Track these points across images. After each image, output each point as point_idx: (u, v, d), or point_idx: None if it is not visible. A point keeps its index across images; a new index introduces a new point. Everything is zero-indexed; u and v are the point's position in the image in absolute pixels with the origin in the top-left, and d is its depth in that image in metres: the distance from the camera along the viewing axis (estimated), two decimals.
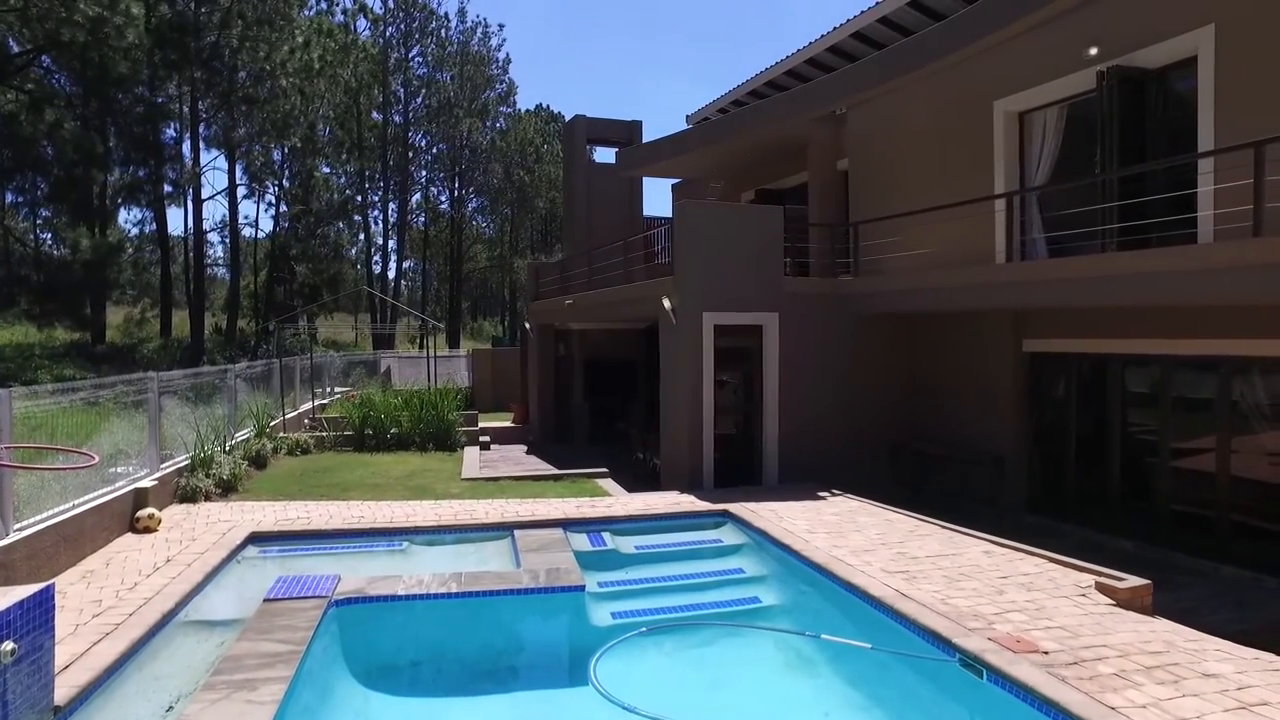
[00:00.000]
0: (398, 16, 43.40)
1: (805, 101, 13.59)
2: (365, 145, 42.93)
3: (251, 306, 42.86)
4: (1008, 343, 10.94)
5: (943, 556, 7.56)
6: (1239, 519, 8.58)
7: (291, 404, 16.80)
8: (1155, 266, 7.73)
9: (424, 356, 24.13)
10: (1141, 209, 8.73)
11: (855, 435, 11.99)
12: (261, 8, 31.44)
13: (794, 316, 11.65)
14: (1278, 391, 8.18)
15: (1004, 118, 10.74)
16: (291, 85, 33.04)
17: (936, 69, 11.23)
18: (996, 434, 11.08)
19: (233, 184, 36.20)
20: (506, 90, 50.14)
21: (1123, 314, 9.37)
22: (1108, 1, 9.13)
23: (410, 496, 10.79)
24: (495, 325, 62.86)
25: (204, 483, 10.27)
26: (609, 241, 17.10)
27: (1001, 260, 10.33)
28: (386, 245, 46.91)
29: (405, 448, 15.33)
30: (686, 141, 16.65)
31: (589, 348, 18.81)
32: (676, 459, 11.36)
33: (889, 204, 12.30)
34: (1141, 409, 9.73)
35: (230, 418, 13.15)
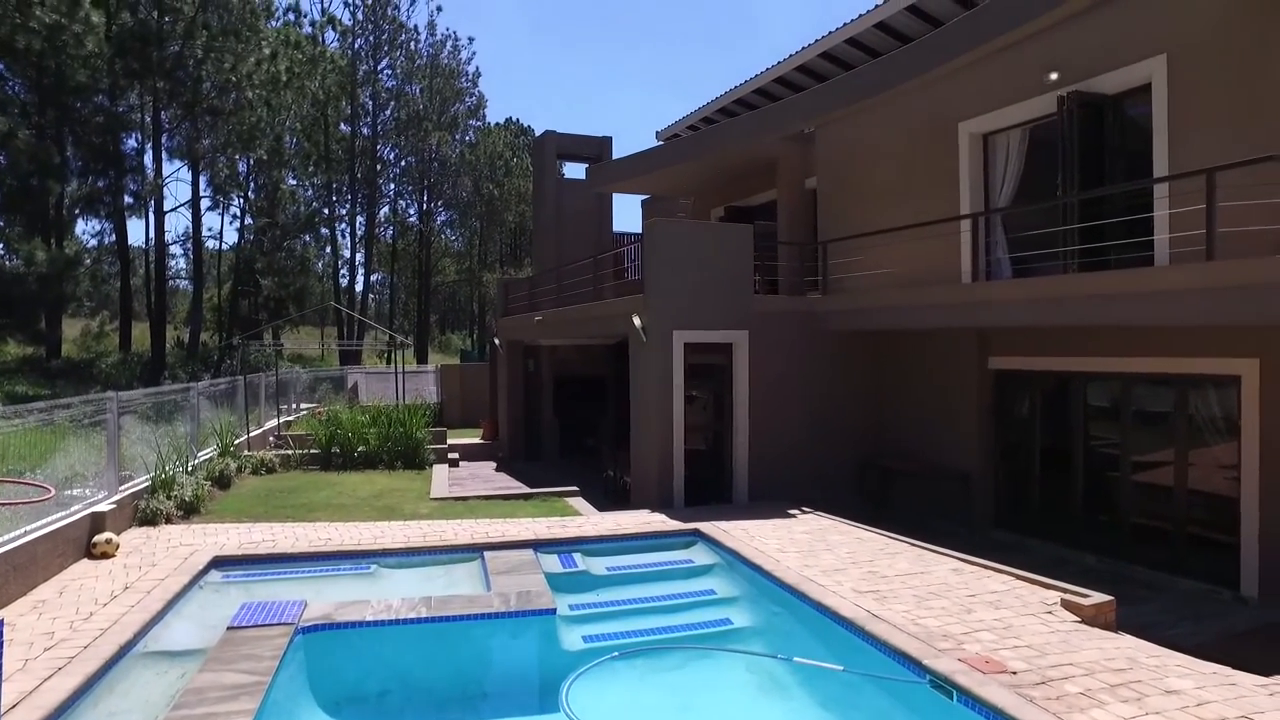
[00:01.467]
0: (367, 29, 43.14)
1: (774, 120, 13.74)
2: (333, 158, 42.49)
3: (215, 320, 42.11)
4: (974, 360, 11.11)
5: (912, 575, 7.63)
6: (1195, 531, 8.79)
7: (256, 421, 16.50)
8: (1113, 288, 7.92)
9: (392, 372, 23.88)
10: (1101, 231, 8.95)
11: (825, 452, 12.07)
12: (227, 18, 31.07)
13: (764, 334, 11.72)
14: (1230, 407, 8.40)
15: (969, 139, 10.95)
16: (258, 97, 32.64)
17: (903, 91, 11.43)
18: (963, 450, 11.23)
19: (196, 196, 35.63)
20: (476, 104, 50.05)
21: (1084, 332, 9.57)
22: (1067, 29, 9.37)
23: (378, 517, 10.64)
24: (463, 339, 62.43)
25: (165, 505, 10.02)
26: (579, 258, 17.10)
27: (967, 280, 10.50)
28: (354, 259, 46.42)
29: (373, 466, 15.13)
30: (656, 158, 16.74)
31: (558, 364, 18.76)
32: (647, 477, 11.35)
33: (857, 222, 12.46)
34: (1103, 425, 9.94)
35: (193, 437, 12.87)
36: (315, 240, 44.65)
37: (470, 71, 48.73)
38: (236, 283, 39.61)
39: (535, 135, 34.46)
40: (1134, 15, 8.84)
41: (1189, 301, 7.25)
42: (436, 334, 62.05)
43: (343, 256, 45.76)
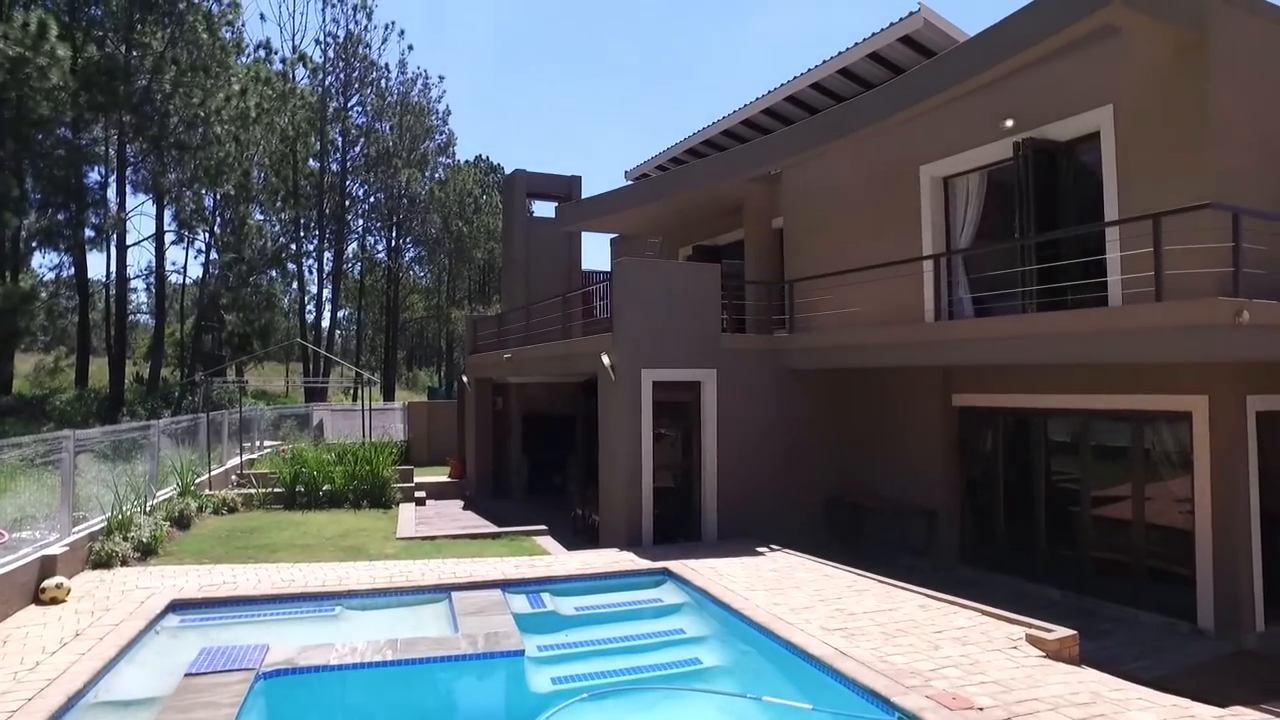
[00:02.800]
0: (337, 66, 43.30)
1: (741, 162, 14.01)
2: (301, 193, 42.32)
3: (177, 355, 41.32)
4: (938, 397, 11.32)
5: (880, 612, 7.67)
6: (1154, 565, 8.98)
7: (218, 460, 16.19)
8: (1069, 328, 8.15)
9: (358, 409, 23.60)
10: (1058, 272, 9.24)
11: (792, 489, 12.15)
12: (197, 54, 30.99)
13: (732, 373, 11.84)
14: (1184, 442, 8.65)
15: (930, 182, 11.28)
16: (226, 132, 32.47)
17: (866, 135, 11.74)
18: (929, 486, 11.37)
19: (160, 230, 35.16)
20: (446, 141, 50.28)
21: (1044, 370, 9.82)
22: (1020, 78, 9.76)
23: (344, 558, 10.45)
24: (431, 376, 61.91)
25: (121, 547, 9.75)
26: (548, 296, 17.16)
27: (931, 319, 10.73)
28: (321, 294, 45.98)
29: (338, 505, 14.88)
30: (625, 198, 16.94)
31: (527, 402, 18.71)
32: (615, 516, 11.31)
33: (823, 262, 12.71)
34: (1064, 460, 10.15)
35: (152, 476, 12.58)
36: (282, 276, 44.26)
37: (440, 109, 49.05)
38: (200, 318, 39.00)
39: (505, 173, 34.61)
40: (1082, 67, 9.25)
41: (1140, 340, 7.50)
42: (404, 371, 61.50)
43: (310, 292, 45.36)
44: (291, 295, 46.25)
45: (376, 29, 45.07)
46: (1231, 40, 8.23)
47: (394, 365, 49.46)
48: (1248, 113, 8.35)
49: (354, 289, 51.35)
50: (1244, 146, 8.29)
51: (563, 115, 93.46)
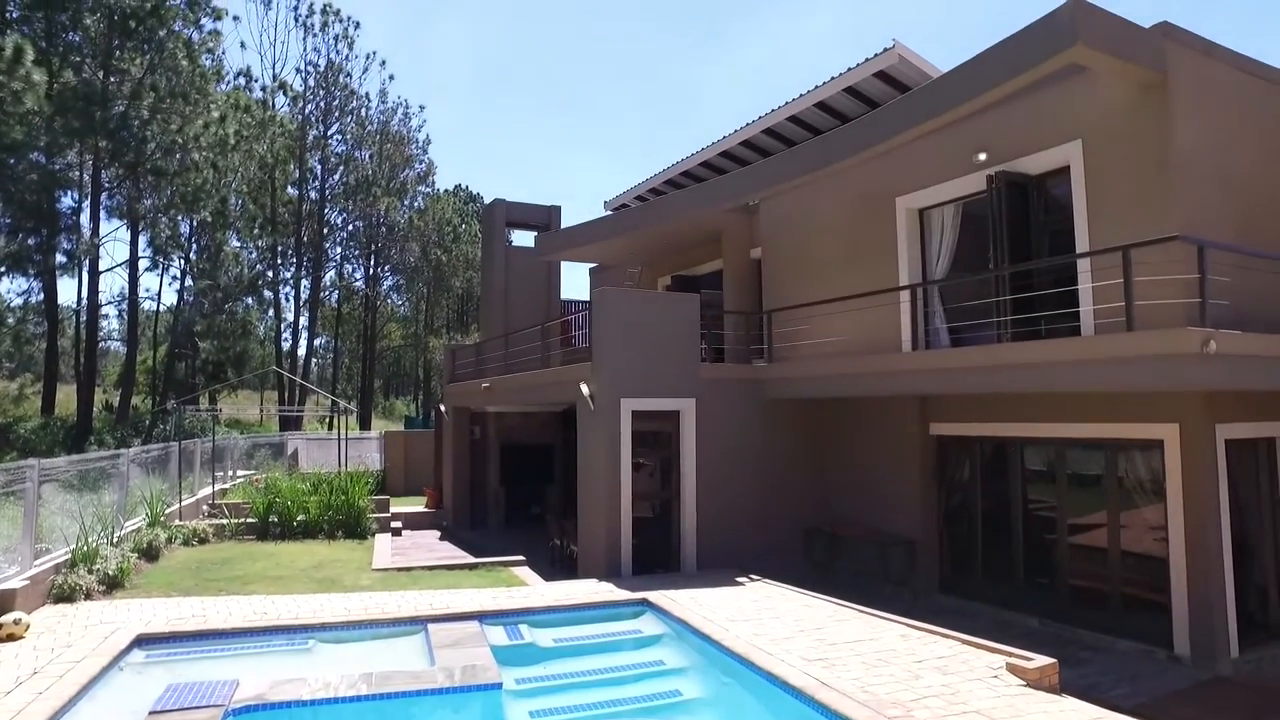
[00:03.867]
0: (318, 94, 43.38)
1: (720, 193, 14.16)
2: (279, 220, 42.13)
3: (149, 383, 40.69)
4: (915, 426, 11.40)
5: (860, 641, 7.64)
6: (1130, 592, 9.03)
7: (189, 490, 15.89)
8: (1043, 357, 8.27)
9: (334, 438, 23.31)
10: (1032, 302, 9.39)
11: (771, 518, 12.13)
12: (176, 80, 30.93)
13: (711, 402, 11.85)
14: (1156, 470, 8.76)
15: (906, 213, 11.46)
16: (204, 159, 32.33)
17: (843, 167, 11.92)
18: (907, 515, 11.41)
19: (134, 256, 34.78)
20: (426, 170, 50.39)
21: (1020, 399, 9.93)
22: (993, 113, 9.99)
23: (318, 589, 10.26)
24: (408, 405, 61.39)
25: (85, 580, 9.51)
26: (527, 325, 17.15)
27: (907, 348, 10.84)
28: (298, 322, 45.58)
29: (313, 536, 14.64)
30: (604, 228, 17.04)
31: (505, 431, 18.60)
32: (594, 546, 11.22)
33: (800, 292, 12.83)
34: (1040, 489, 10.24)
35: (120, 506, 12.32)
36: (258, 303, 43.87)
37: (421, 138, 49.21)
38: (174, 345, 38.49)
39: (484, 202, 34.64)
40: (1051, 103, 9.49)
41: (1112, 369, 7.62)
42: (381, 400, 60.95)
43: (286, 320, 44.97)
44: (267, 323, 45.83)
45: (358, 58, 45.28)
46: (1191, 80, 8.50)
47: (370, 394, 49.03)
48: (1209, 149, 8.61)
49: (331, 317, 51.00)
50: (1206, 181, 8.53)
51: (542, 145, 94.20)
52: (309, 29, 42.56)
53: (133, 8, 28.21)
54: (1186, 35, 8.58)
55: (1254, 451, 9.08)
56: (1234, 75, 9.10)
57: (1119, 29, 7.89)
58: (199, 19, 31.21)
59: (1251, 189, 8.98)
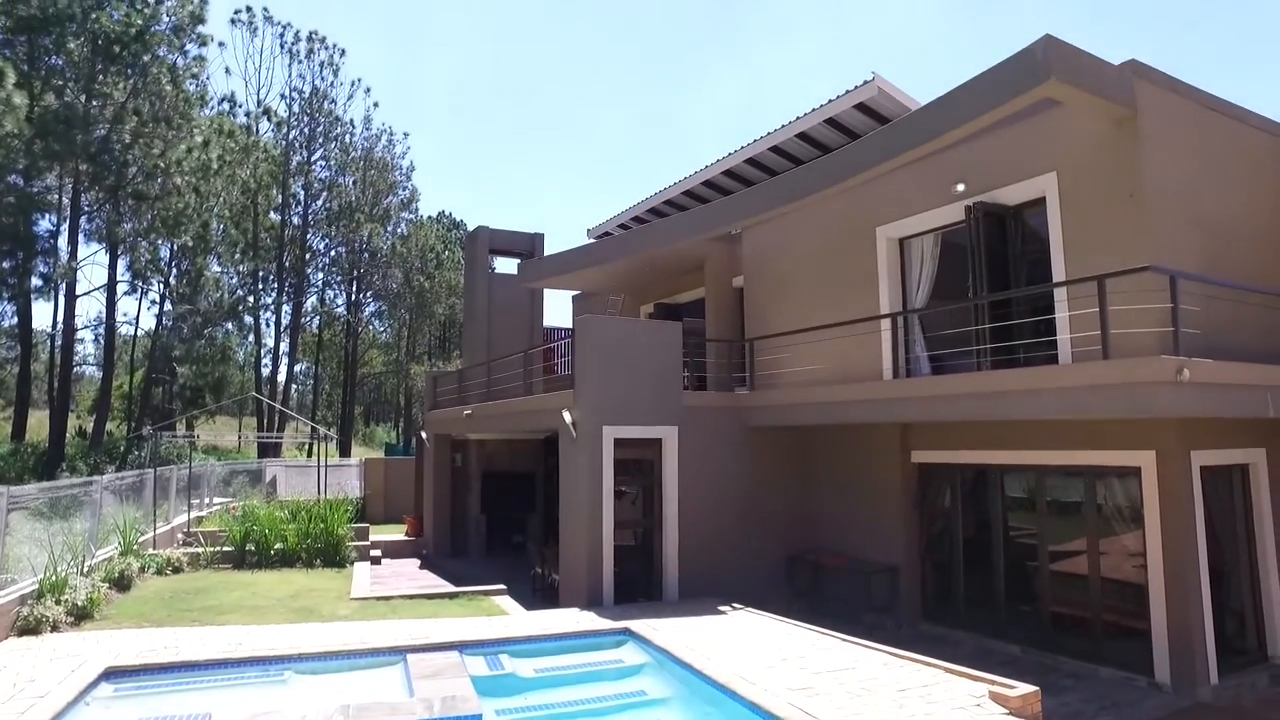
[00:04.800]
0: (302, 120, 43.47)
1: (702, 222, 14.29)
2: (261, 245, 41.95)
3: (124, 409, 40.10)
4: (897, 454, 11.45)
5: (843, 670, 7.61)
6: (1111, 619, 9.07)
7: (164, 518, 15.61)
8: (1022, 385, 8.36)
9: (314, 465, 23.05)
10: (1010, 330, 9.52)
11: (754, 546, 12.10)
12: (160, 105, 30.88)
13: (693, 430, 11.85)
14: (1134, 497, 8.85)
15: (886, 243, 11.60)
16: (186, 183, 32.19)
17: (824, 197, 12.08)
18: (889, 543, 11.42)
19: (112, 280, 34.46)
20: (409, 197, 50.44)
21: (1000, 426, 10.02)
22: (970, 145, 10.18)
23: (295, 619, 10.09)
24: (389, 432, 60.89)
25: (52, 611, 9.28)
26: (509, 352, 17.13)
27: (888, 376, 10.93)
28: (278, 348, 45.22)
29: (290, 565, 14.41)
30: (587, 256, 17.11)
31: (486, 459, 18.48)
32: (575, 574, 11.12)
33: (782, 320, 12.92)
34: (1021, 516, 10.30)
35: (92, 534, 12.08)
36: (238, 328, 43.50)
37: (404, 165, 49.35)
38: (151, 370, 38.02)
39: (467, 229, 34.64)
40: (1027, 136, 9.70)
41: (1088, 397, 7.71)
42: (361, 426, 60.43)
43: (266, 346, 44.61)
44: (247, 348, 45.40)
45: (342, 85, 45.48)
46: (1159, 115, 8.73)
47: (351, 421, 48.60)
48: (1178, 182, 8.82)
49: (312, 343, 50.66)
50: (1175, 213, 8.73)
51: (526, 173, 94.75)
52: (294, 56, 42.77)
53: (117, 33, 28.21)
54: (1155, 73, 8.82)
55: (1228, 478, 9.21)
56: (1200, 112, 9.37)
57: (1090, 65, 8.10)
58: (184, 44, 31.24)
59: (1216, 221, 9.20)
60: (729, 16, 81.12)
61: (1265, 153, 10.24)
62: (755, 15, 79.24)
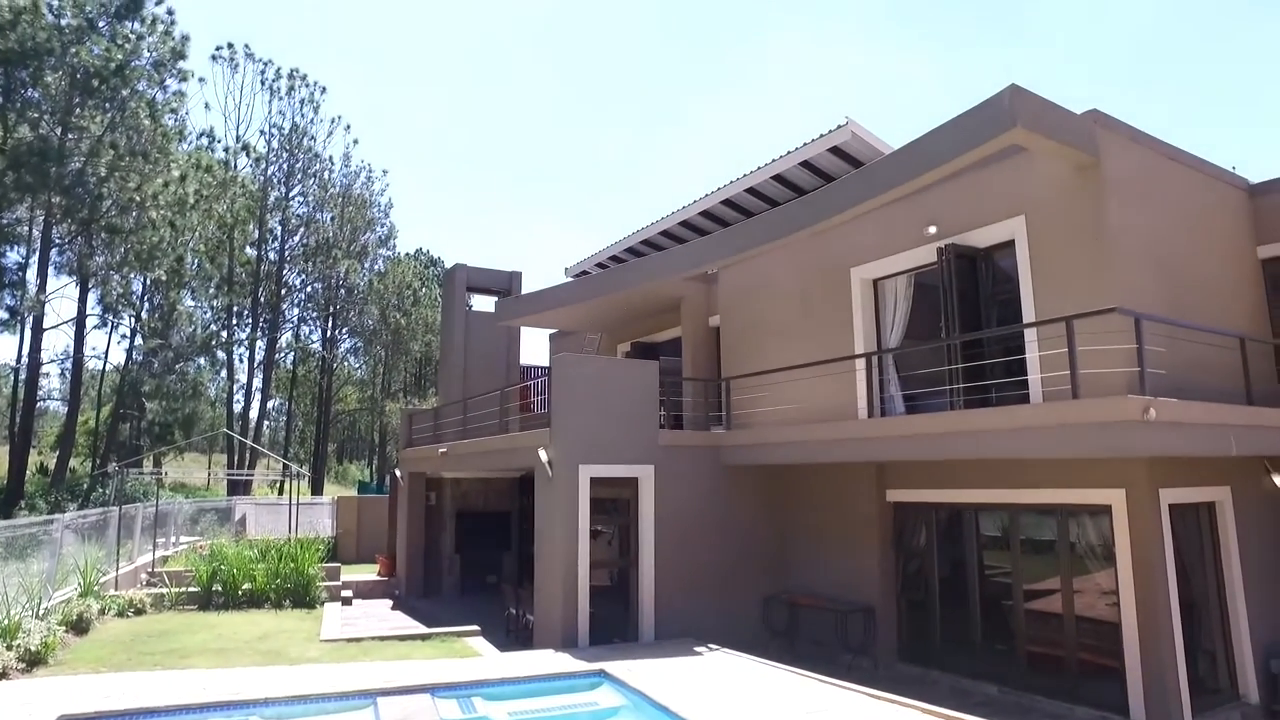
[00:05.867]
0: (281, 156, 43.51)
1: (679, 262, 14.40)
2: (236, 280, 41.66)
3: (89, 445, 39.27)
4: (873, 493, 11.49)
5: (820, 712, 7.54)
6: (1086, 658, 9.09)
7: (128, 557, 15.22)
8: (993, 424, 8.47)
9: (285, 503, 22.65)
10: (983, 370, 9.66)
11: (730, 587, 12.02)
12: (137, 139, 30.77)
13: (670, 468, 11.83)
14: (1106, 535, 8.93)
15: (860, 283, 11.78)
16: (162, 217, 31.96)
17: (799, 238, 12.28)
18: (866, 582, 11.40)
19: (82, 314, 33.98)
20: (387, 233, 50.45)
21: (974, 465, 10.11)
22: (941, 189, 10.43)
23: (262, 661, 9.82)
24: (362, 470, 60.07)
25: (3, 657, 8.95)
26: (486, 390, 17.05)
27: (863, 416, 11.01)
28: (251, 384, 44.67)
29: (259, 605, 14.07)
30: (564, 294, 17.17)
31: (461, 497, 18.29)
32: (550, 615, 10.97)
33: (758, 359, 13.01)
34: (995, 555, 10.34)
35: (50, 575, 11.72)
36: (211, 363, 42.98)
37: (383, 202, 49.42)
38: (119, 405, 37.34)
39: (445, 266, 34.62)
40: (996, 180, 9.96)
41: (1059, 436, 7.82)
42: (335, 464, 59.60)
43: (239, 381, 44.06)
44: (219, 384, 44.83)
45: (322, 122, 45.66)
46: (1120, 163, 9.03)
47: (324, 458, 47.90)
48: (1140, 227, 9.09)
49: (286, 379, 50.11)
50: (1139, 257, 8.98)
51: (504, 211, 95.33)
52: (275, 92, 42.97)
53: (97, 67, 28.19)
54: (1115, 122, 9.14)
55: (1195, 516, 9.35)
56: (1159, 160, 9.71)
57: (1053, 114, 8.37)
58: (164, 79, 31.27)
59: (1177, 265, 9.49)
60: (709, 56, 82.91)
61: (1219, 201, 10.61)
62: (732, 57, 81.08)
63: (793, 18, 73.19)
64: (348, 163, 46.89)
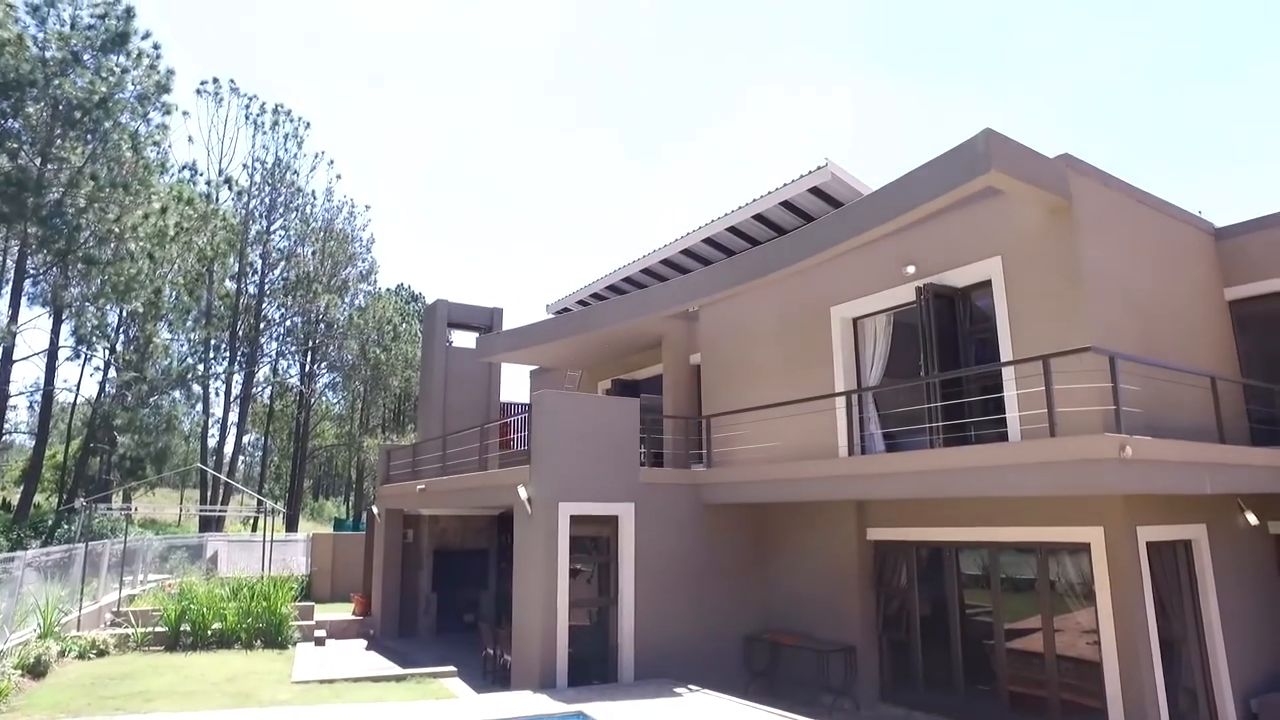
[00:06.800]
0: (263, 190, 43.51)
1: (661, 299, 14.49)
2: (214, 313, 41.31)
3: (56, 480, 38.40)
4: (853, 531, 11.47)
5: None
6: (1068, 698, 9.04)
7: (92, 596, 14.80)
8: (972, 462, 8.51)
9: (259, 540, 22.22)
10: (962, 409, 9.73)
11: (711, 625, 11.89)
12: (118, 170, 30.62)
13: (650, 506, 11.75)
14: (1085, 573, 8.95)
15: (840, 322, 11.89)
16: (140, 249, 31.69)
17: (779, 277, 12.40)
18: (847, 622, 11.31)
19: (54, 345, 33.46)
20: (368, 268, 50.36)
21: (954, 503, 10.13)
22: (919, 229, 10.60)
23: (230, 704, 9.55)
24: (339, 506, 59.16)
25: None
26: (465, 426, 16.93)
27: (843, 454, 11.03)
28: (226, 418, 44.07)
29: (229, 646, 13.72)
30: (546, 331, 17.18)
31: (439, 535, 18.04)
32: (528, 655, 10.77)
33: (739, 397, 13.04)
34: (976, 593, 10.32)
35: (8, 616, 11.36)
36: (186, 397, 42.34)
37: (365, 237, 49.41)
38: (89, 439, 36.61)
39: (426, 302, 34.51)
40: (973, 221, 10.15)
41: (1037, 474, 7.87)
42: (310, 500, 58.70)
43: (215, 415, 43.45)
44: (194, 418, 44.10)
45: (306, 157, 45.79)
46: (1092, 205, 9.25)
47: (300, 494, 47.15)
48: (1113, 268, 9.29)
49: (262, 413, 49.47)
50: (1112, 297, 9.16)
51: (486, 247, 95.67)
52: (259, 127, 43.12)
53: (80, 99, 28.18)
54: (1086, 166, 9.38)
55: (1173, 554, 9.40)
56: (1130, 204, 9.96)
57: (1027, 157, 8.58)
58: (148, 112, 31.27)
59: (1148, 306, 9.69)
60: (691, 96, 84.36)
61: (1187, 244, 10.89)
62: (714, 97, 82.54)
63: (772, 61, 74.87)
64: (330, 197, 46.97)
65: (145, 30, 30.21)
